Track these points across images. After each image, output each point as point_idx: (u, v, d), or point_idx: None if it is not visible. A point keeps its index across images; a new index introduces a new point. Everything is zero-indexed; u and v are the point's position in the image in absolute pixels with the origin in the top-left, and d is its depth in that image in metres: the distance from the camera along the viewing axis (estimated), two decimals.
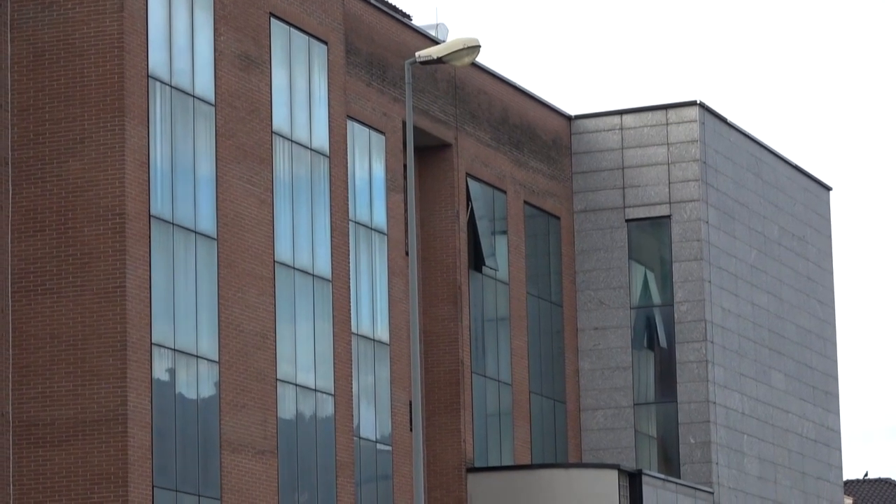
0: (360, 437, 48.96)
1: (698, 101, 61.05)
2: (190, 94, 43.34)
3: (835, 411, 67.60)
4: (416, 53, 39.17)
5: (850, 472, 73.39)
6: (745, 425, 61.18)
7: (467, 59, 39.29)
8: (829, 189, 68.58)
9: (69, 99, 41.26)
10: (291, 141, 46.57)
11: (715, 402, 59.79)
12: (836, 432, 67.68)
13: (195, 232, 43.24)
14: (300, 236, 46.61)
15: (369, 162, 51.13)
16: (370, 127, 50.68)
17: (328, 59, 47.94)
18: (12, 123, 41.26)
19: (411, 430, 40.12)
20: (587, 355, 60.46)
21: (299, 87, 47.03)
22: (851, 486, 78.80)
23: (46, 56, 41.38)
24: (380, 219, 51.34)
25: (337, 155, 48.31)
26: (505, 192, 57.91)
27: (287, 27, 46.45)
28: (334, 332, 47.74)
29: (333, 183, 48.03)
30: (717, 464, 59.40)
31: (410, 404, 40.66)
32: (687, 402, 59.66)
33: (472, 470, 54.71)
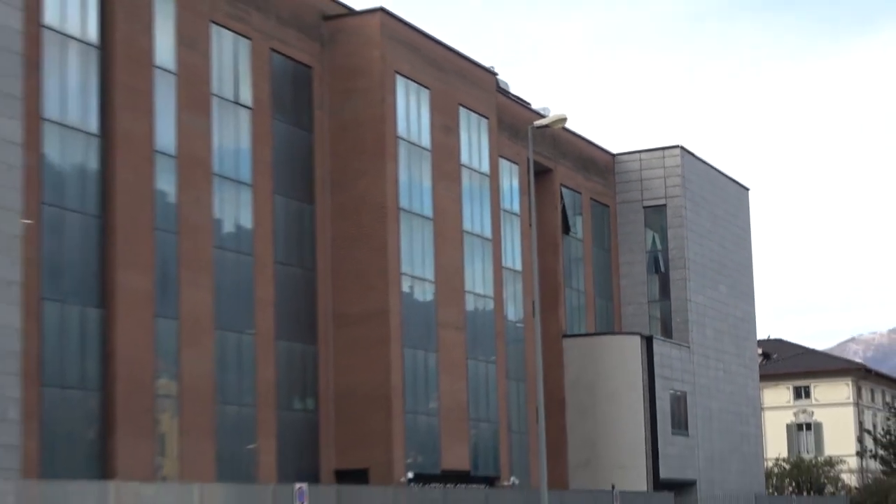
0: (507, 319, 48.99)
1: (680, 146, 60.75)
2: (419, 146, 43.37)
3: (752, 305, 67.10)
4: (534, 122, 39.08)
5: (760, 335, 72.79)
6: (705, 311, 60.81)
7: (560, 125, 39.36)
8: (747, 189, 68.08)
9: (357, 149, 41.33)
10: (470, 169, 46.47)
11: (690, 300, 59.34)
12: (753, 315, 67.21)
13: (422, 216, 43.39)
14: (475, 217, 46.56)
15: (510, 179, 51.01)
16: (510, 161, 50.58)
17: (488, 127, 47.81)
18: (330, 163, 41.48)
19: (534, 315, 40.12)
20: (624, 276, 60.10)
21: (473, 141, 46.90)
22: (760, 343, 78.21)
23: (347, 127, 41.48)
24: (516, 208, 51.19)
25: (493, 176, 48.13)
26: (580, 193, 57.71)
27: (468, 111, 46.40)
28: (493, 266, 47.79)
29: (491, 190, 47.98)
30: (691, 332, 59.01)
31: (533, 303, 40.74)
32: (675, 300, 59.19)
33: (565, 336, 54.79)
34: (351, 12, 42.64)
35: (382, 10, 42.16)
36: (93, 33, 33.38)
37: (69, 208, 32.36)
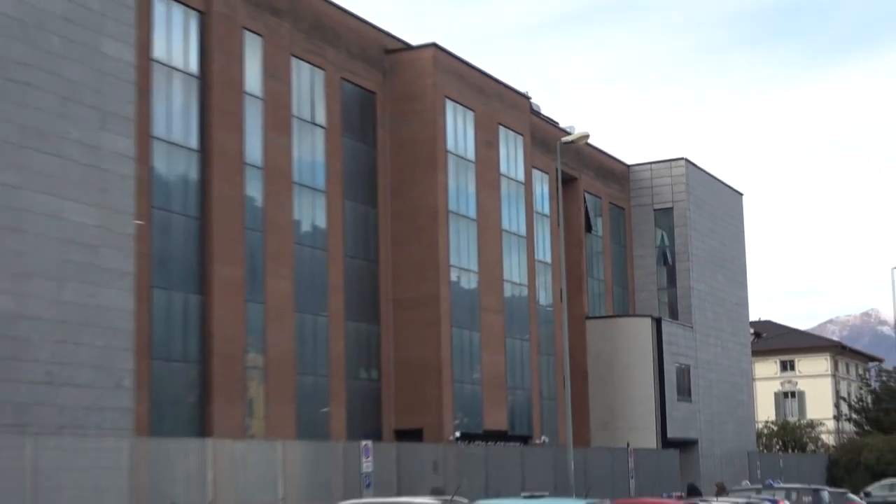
0: (538, 304, 48.68)
1: (684, 158, 60.15)
2: (465, 159, 43.10)
3: (745, 291, 66.39)
4: (562, 139, 38.91)
5: (752, 317, 71.90)
6: (706, 297, 60.23)
7: (583, 141, 39.22)
8: (741, 194, 67.33)
9: (413, 161, 41.17)
10: (508, 178, 46.07)
11: (692, 288, 58.81)
12: (746, 300, 66.57)
13: (467, 217, 43.14)
14: (511, 218, 46.24)
15: (541, 186, 50.61)
16: (541, 171, 50.19)
17: (523, 142, 47.46)
18: (391, 173, 41.40)
19: (561, 300, 39.84)
20: (637, 269, 59.54)
21: (511, 155, 46.56)
22: (752, 324, 77.41)
23: (404, 143, 41.33)
24: (546, 210, 50.67)
25: (527, 184, 47.71)
26: (600, 198, 57.23)
27: (506, 129, 46.05)
28: (527, 259, 47.48)
29: (526, 195, 47.65)
30: (693, 314, 58.40)
31: (560, 290, 40.46)
32: (681, 287, 58.67)
33: (588, 318, 54.38)
34: (408, 47, 42.55)
35: (434, 45, 42.09)
36: (193, 65, 33.50)
37: (174, 211, 32.50)
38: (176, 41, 32.98)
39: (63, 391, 24.25)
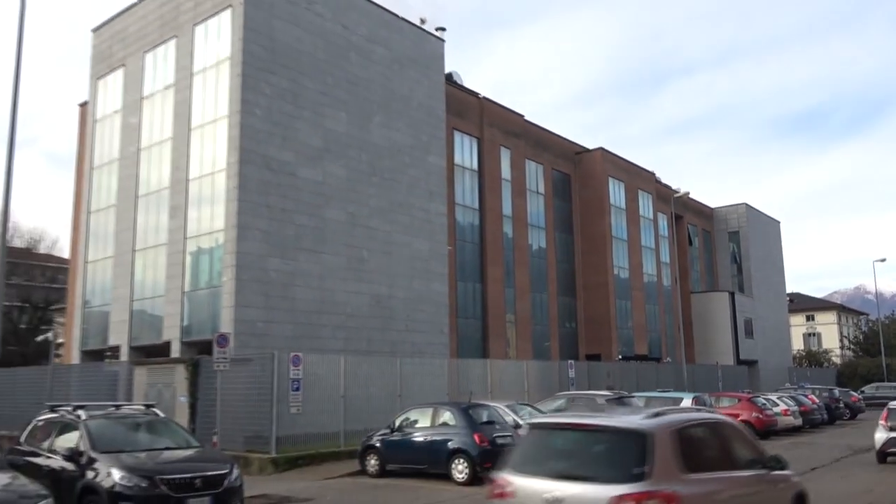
0: (663, 285, 45.09)
1: (745, 203, 55.03)
2: (620, 208, 40.49)
3: (783, 276, 59.92)
4: (674, 195, 36.20)
5: (788, 290, 65.26)
6: (760, 280, 54.50)
7: (686, 195, 36.30)
8: (779, 222, 60.97)
9: (592, 210, 39.14)
10: (644, 217, 43.02)
11: (752, 275, 53.70)
12: (783, 281, 59.92)
13: (622, 240, 40.47)
14: (646, 239, 43.12)
15: (663, 221, 47.07)
16: (662, 213, 46.85)
17: (652, 198, 44.50)
18: (580, 217, 39.74)
19: (676, 283, 37.10)
20: (719, 265, 54.38)
21: (645, 205, 43.55)
22: (788, 294, 70.14)
23: (586, 201, 39.44)
24: (665, 234, 47.28)
25: (655, 220, 44.45)
26: (696, 226, 53.26)
27: (642, 191, 43.23)
28: (656, 261, 44.27)
29: (654, 227, 44.58)
30: (753, 290, 53.26)
31: (675, 278, 37.68)
32: (745, 275, 53.64)
33: (692, 293, 49.94)
34: (587, 150, 40.63)
35: (601, 148, 40.14)
36: (475, 165, 33.15)
37: (466, 241, 32.13)
38: (465, 153, 32.75)
39: (413, 335, 24.30)
